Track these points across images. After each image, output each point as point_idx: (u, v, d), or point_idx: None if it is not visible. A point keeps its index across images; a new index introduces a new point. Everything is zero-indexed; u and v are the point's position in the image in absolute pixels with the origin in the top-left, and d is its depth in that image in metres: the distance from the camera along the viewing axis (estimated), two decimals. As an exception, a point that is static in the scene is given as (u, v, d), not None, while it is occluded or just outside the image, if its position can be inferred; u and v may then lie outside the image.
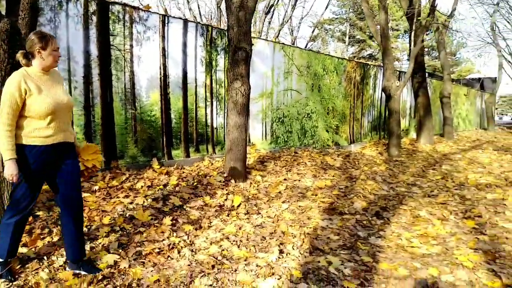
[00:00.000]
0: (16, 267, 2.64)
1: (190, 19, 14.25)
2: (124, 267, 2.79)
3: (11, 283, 2.47)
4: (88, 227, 3.40)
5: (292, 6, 18.06)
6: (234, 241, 3.42)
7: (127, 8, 5.12)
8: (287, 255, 3.14)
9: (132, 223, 3.58)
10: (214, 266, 2.88)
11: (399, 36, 35.34)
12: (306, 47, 21.13)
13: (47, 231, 3.24)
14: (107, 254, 2.93)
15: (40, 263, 2.75)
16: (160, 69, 5.56)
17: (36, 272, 2.63)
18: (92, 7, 4.76)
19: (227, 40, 5.50)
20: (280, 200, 4.73)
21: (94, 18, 4.79)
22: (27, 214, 2.55)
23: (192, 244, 3.31)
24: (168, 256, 3.03)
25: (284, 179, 5.65)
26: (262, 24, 17.26)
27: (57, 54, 2.44)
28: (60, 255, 2.88)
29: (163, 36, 5.53)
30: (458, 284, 2.71)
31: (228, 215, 4.10)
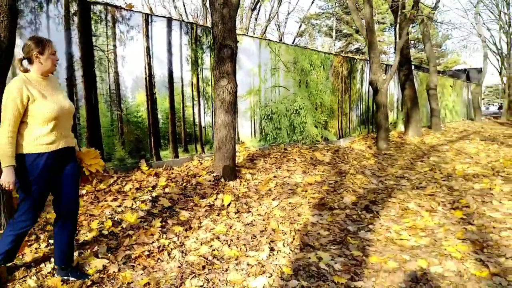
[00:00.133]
0: (4, 275, 2.59)
1: (176, 17, 14.14)
2: (114, 272, 2.76)
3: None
4: (76, 232, 3.36)
5: (278, 2, 18.05)
6: (225, 240, 3.41)
7: (109, 7, 5.04)
8: (277, 252, 3.14)
9: (121, 227, 3.55)
10: (204, 267, 2.87)
11: (386, 30, 35.60)
12: (293, 43, 21.13)
13: (34, 237, 3.19)
14: (96, 259, 2.90)
15: (27, 270, 2.71)
16: (145, 69, 5.49)
17: (24, 280, 2.59)
18: (73, 8, 4.68)
19: (212, 38, 5.46)
20: (270, 197, 4.73)
21: (76, 19, 4.71)
22: (32, 224, 2.49)
23: (182, 246, 3.29)
24: (158, 259, 3.01)
25: (274, 176, 5.65)
26: (249, 20, 17.21)
27: (55, 58, 2.44)
28: (48, 261, 2.84)
29: (147, 35, 5.46)
30: (447, 275, 2.75)
31: (218, 215, 4.08)
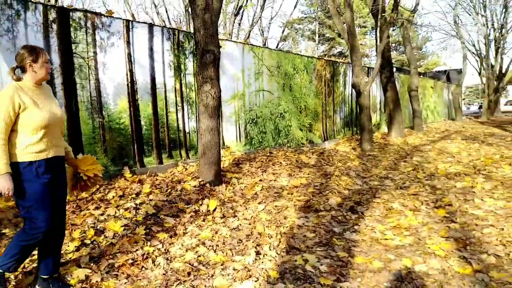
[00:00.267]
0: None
1: (158, 23, 14.06)
2: (96, 281, 2.70)
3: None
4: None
5: (261, 7, 18.13)
6: (210, 246, 3.38)
7: (89, 14, 4.98)
8: (264, 256, 3.13)
9: (104, 235, 3.48)
10: (190, 273, 2.84)
11: (367, 33, 36.17)
12: (277, 47, 21.25)
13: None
14: (78, 268, 2.84)
15: (7, 282, 2.63)
16: (127, 75, 5.43)
17: (2, 293, 2.51)
18: (51, 15, 4.61)
19: (194, 43, 5.45)
20: (256, 201, 4.72)
21: (55, 26, 4.64)
22: (42, 231, 2.37)
23: (167, 252, 3.25)
24: (142, 267, 2.96)
25: (260, 180, 5.64)
26: (232, 25, 17.23)
27: (48, 66, 2.43)
28: (29, 272, 2.76)
29: (128, 42, 5.41)
30: (431, 273, 2.78)
31: (204, 220, 4.05)
